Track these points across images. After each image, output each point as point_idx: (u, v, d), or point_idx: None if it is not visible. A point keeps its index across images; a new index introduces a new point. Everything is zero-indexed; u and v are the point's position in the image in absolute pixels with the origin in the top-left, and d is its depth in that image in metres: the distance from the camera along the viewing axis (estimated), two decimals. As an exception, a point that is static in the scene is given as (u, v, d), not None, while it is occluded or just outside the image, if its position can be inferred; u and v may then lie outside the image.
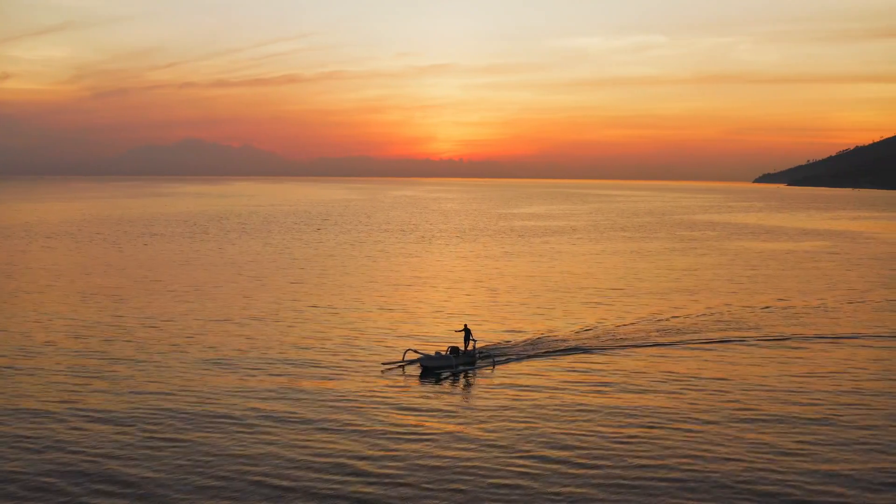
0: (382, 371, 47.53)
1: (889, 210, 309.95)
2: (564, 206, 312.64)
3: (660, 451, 34.81)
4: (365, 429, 37.16)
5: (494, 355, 50.52)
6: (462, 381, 46.26)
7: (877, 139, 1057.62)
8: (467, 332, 50.75)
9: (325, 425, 37.56)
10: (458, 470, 32.38)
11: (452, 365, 47.71)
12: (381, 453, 34.09)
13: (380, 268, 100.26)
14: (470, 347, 50.21)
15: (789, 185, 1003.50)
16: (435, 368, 47.33)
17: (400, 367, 48.31)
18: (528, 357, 51.74)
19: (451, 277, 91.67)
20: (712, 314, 68.98)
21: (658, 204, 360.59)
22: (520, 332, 60.40)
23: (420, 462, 33.19)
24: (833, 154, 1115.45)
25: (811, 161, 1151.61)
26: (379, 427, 37.42)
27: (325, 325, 62.31)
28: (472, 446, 35.06)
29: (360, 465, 32.78)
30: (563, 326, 62.69)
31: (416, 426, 37.79)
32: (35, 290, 77.82)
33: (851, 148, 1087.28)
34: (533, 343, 55.86)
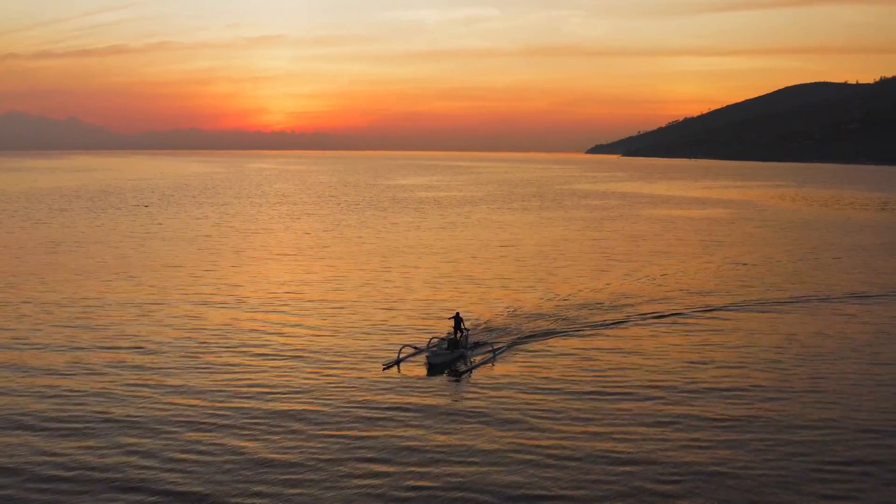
0: (384, 369, 40.89)
1: (748, 179, 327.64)
2: (437, 178, 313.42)
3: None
4: (390, 443, 30.98)
5: (492, 344, 45.35)
6: (474, 376, 40.47)
7: (705, 111, 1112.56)
8: (458, 320, 44.96)
9: (345, 447, 30.63)
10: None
11: (464, 358, 42.81)
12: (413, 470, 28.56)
13: (335, 245, 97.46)
14: (460, 337, 44.48)
15: (624, 155, 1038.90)
16: (442, 364, 41.59)
17: (397, 365, 41.76)
18: (527, 340, 47.26)
19: (412, 253, 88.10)
20: (704, 278, 71.32)
21: (523, 175, 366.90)
22: (511, 312, 55.01)
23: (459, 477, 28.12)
24: (663, 125, 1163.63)
25: (642, 132, 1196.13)
26: (402, 441, 31.32)
27: (299, 324, 51.29)
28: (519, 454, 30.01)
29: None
30: (552, 302, 58.67)
31: (444, 435, 31.98)
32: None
33: (681, 119, 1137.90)
34: (524, 325, 51.05)
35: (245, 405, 35.01)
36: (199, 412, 34.01)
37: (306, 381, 38.56)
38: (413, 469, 28.56)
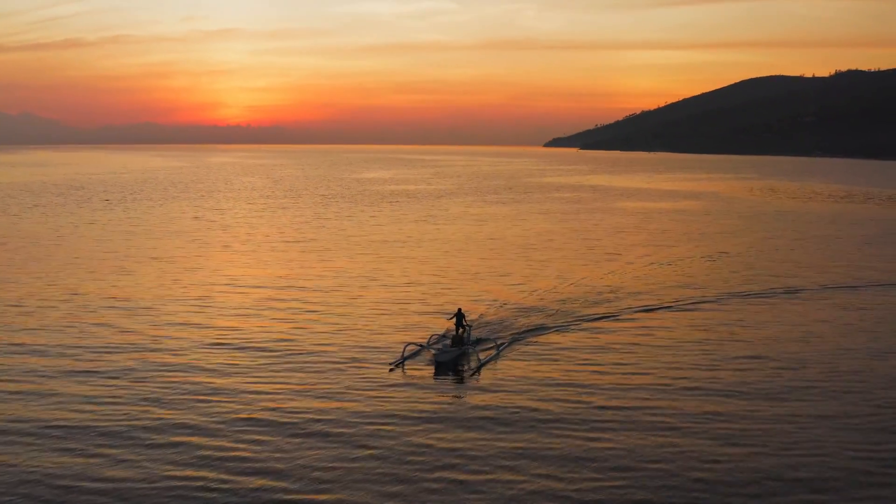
0: (390, 370, 39.66)
1: (710, 172, 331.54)
2: (402, 171, 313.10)
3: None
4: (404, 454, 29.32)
5: (495, 339, 45.11)
6: (485, 375, 39.30)
7: (662, 104, 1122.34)
8: (460, 316, 43.95)
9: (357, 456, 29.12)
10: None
11: (467, 355, 41.97)
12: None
13: (321, 238, 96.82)
14: (462, 333, 43.68)
15: (582, 148, 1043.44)
16: (449, 362, 40.79)
17: (402, 364, 40.79)
18: (528, 335, 46.78)
19: (401, 247, 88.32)
20: (698, 269, 72.23)
21: (487, 168, 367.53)
22: (509, 306, 54.51)
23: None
24: (620, 119, 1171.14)
25: (600, 125, 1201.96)
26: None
27: (300, 324, 49.30)
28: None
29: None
30: (549, 295, 58.50)
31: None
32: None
33: (638, 113, 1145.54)
34: (523, 319, 50.70)
35: (255, 412, 33.53)
36: (200, 416, 32.99)
37: (313, 385, 37.06)
38: (426, 473, 27.82)
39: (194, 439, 30.50)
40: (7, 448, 29.71)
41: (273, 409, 33.72)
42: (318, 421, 32.39)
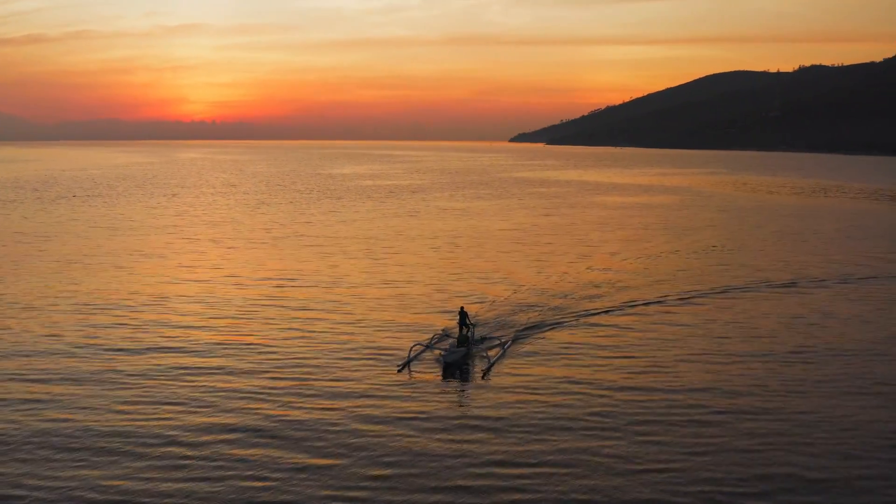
0: (398, 372, 38.93)
1: (680, 167, 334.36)
2: (374, 167, 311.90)
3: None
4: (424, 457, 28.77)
5: (500, 338, 44.73)
6: (493, 374, 38.79)
7: (627, 99, 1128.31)
8: (464, 314, 43.29)
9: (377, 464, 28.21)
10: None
11: (471, 355, 41.56)
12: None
13: (310, 234, 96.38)
14: (466, 332, 43.05)
15: (548, 143, 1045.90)
16: (457, 363, 40.24)
17: (409, 364, 40.21)
18: (530, 332, 46.52)
19: (392, 243, 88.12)
20: (690, 262, 73.11)
21: (458, 163, 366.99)
22: (506, 303, 54.34)
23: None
24: (586, 114, 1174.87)
25: (565, 121, 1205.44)
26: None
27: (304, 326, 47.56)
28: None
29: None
30: (546, 290, 58.77)
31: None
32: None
33: (603, 108, 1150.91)
34: (522, 315, 50.50)
35: (261, 413, 32.85)
36: (204, 418, 32.36)
37: (320, 387, 36.24)
38: (435, 474, 27.44)
39: (198, 441, 30.13)
40: (15, 453, 29.35)
41: (279, 411, 33.20)
42: (327, 423, 31.90)
